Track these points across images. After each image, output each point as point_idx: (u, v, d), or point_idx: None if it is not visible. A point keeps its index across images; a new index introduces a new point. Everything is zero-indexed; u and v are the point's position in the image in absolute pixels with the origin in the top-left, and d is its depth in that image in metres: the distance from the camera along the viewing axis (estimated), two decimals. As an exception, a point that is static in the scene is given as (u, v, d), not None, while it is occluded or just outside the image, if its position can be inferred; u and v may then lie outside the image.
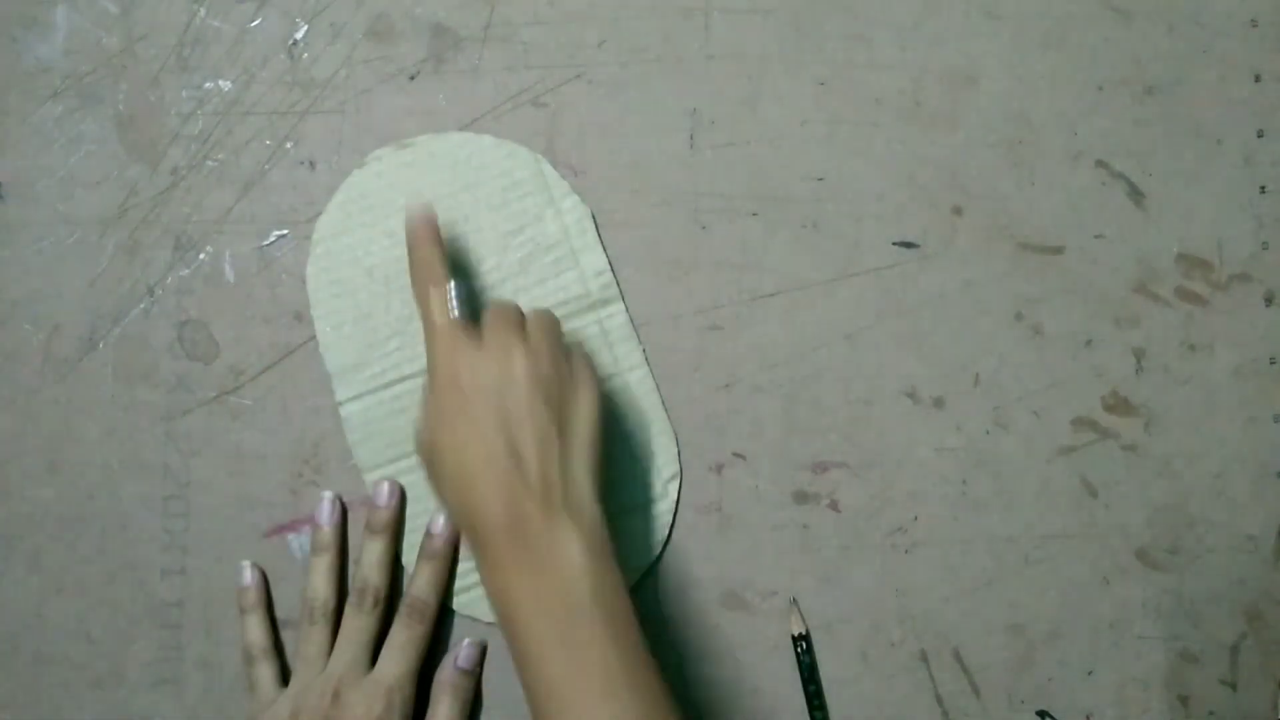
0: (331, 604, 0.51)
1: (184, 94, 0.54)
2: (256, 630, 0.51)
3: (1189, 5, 0.55)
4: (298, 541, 0.53)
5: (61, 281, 0.53)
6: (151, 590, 0.53)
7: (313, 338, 0.53)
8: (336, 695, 0.48)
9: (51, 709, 0.53)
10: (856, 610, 0.53)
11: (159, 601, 0.53)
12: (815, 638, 0.53)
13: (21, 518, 0.53)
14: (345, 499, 0.53)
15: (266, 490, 0.53)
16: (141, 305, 0.53)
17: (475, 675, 0.52)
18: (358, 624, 0.50)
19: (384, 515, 0.51)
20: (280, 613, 0.53)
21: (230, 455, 0.53)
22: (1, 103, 0.54)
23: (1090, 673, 0.53)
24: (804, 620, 0.53)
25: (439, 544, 0.51)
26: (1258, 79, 0.55)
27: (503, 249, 0.53)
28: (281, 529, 0.53)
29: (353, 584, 0.51)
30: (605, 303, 0.53)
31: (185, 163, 0.54)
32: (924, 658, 0.53)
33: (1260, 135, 0.55)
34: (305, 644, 0.50)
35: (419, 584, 0.51)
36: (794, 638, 0.52)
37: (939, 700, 0.53)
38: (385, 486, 0.52)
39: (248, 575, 0.52)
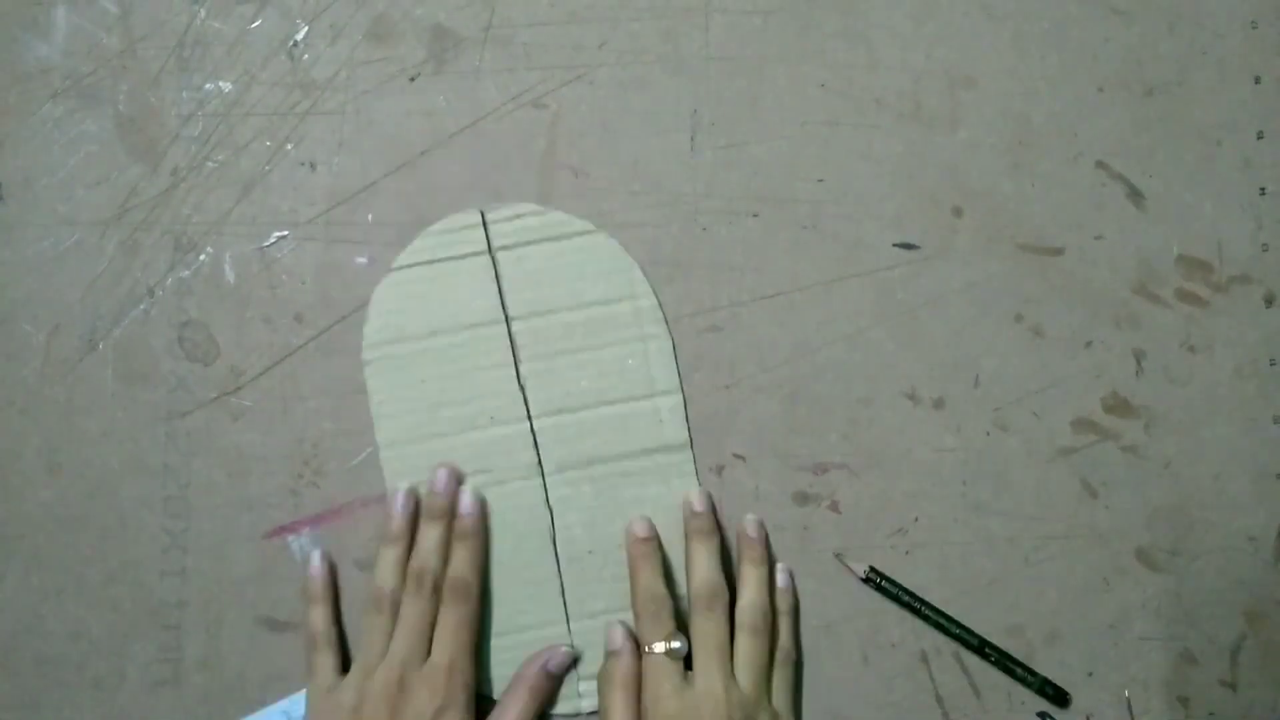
0: (399, 594, 0.50)
1: (184, 94, 0.54)
2: (321, 619, 0.51)
3: (1189, 6, 0.55)
4: (298, 542, 0.53)
5: (61, 281, 0.53)
6: (151, 591, 0.53)
7: (313, 338, 0.53)
8: (402, 683, 0.48)
9: (51, 710, 0.52)
10: (856, 610, 0.53)
11: (159, 602, 0.53)
12: (815, 638, 0.53)
13: (21, 518, 0.53)
14: (346, 498, 0.53)
15: (266, 491, 0.53)
16: (142, 306, 0.53)
17: (558, 681, 0.52)
18: (417, 609, 0.50)
19: (440, 503, 0.51)
20: (281, 614, 0.53)
21: (230, 456, 0.53)
22: (1, 103, 0.54)
23: (1090, 673, 0.53)
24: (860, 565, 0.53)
25: (469, 523, 0.51)
26: (1258, 80, 0.55)
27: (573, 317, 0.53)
28: (281, 529, 0.53)
29: (410, 569, 0.50)
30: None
31: (185, 163, 0.54)
32: (924, 658, 0.53)
33: (1260, 137, 0.55)
34: (371, 633, 0.50)
35: (456, 565, 0.51)
36: (865, 578, 0.52)
37: (939, 701, 0.53)
38: (443, 473, 0.52)
39: (317, 564, 0.52)
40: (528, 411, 0.52)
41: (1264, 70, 0.55)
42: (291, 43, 0.54)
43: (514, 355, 0.52)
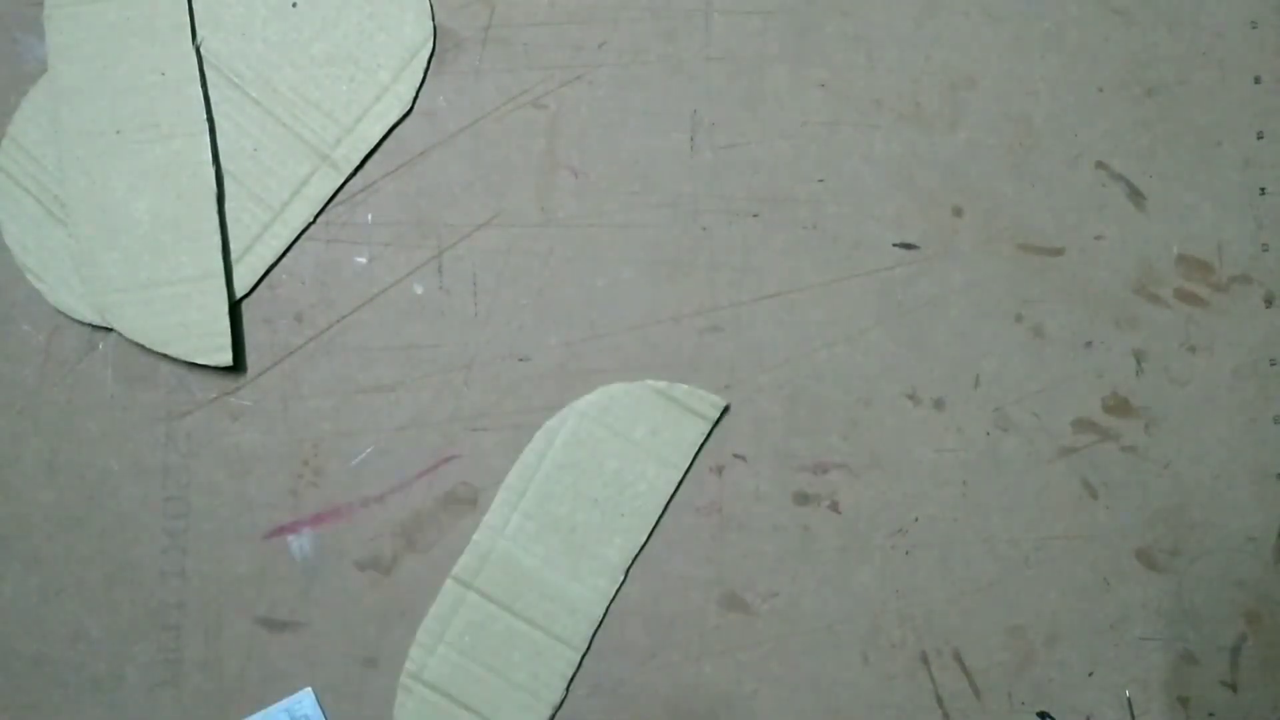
0: None
1: (184, 94, 0.54)
2: None
3: (1189, 6, 0.55)
4: (298, 542, 0.53)
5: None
6: (151, 591, 0.53)
7: (313, 338, 0.53)
8: None
9: (51, 710, 0.52)
10: (856, 611, 0.53)
11: (158, 603, 0.53)
12: (815, 638, 0.53)
13: (21, 519, 0.53)
14: (346, 498, 0.53)
15: (266, 491, 0.53)
16: (141, 306, 0.53)
17: None
18: None
19: None
20: (281, 614, 0.53)
21: (230, 456, 0.53)
22: (1, 103, 0.54)
23: (1091, 674, 0.53)
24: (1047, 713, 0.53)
25: None
26: (1258, 80, 0.55)
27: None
28: (282, 530, 0.53)
29: None
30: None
31: (185, 163, 0.54)
32: (924, 659, 0.53)
33: (1260, 137, 0.55)
34: None
35: None
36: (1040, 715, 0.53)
37: (939, 701, 0.53)
38: None
39: None
40: (201, 74, 0.52)
41: (1264, 70, 0.55)
42: (291, 43, 0.54)
43: (190, 15, 0.53)
